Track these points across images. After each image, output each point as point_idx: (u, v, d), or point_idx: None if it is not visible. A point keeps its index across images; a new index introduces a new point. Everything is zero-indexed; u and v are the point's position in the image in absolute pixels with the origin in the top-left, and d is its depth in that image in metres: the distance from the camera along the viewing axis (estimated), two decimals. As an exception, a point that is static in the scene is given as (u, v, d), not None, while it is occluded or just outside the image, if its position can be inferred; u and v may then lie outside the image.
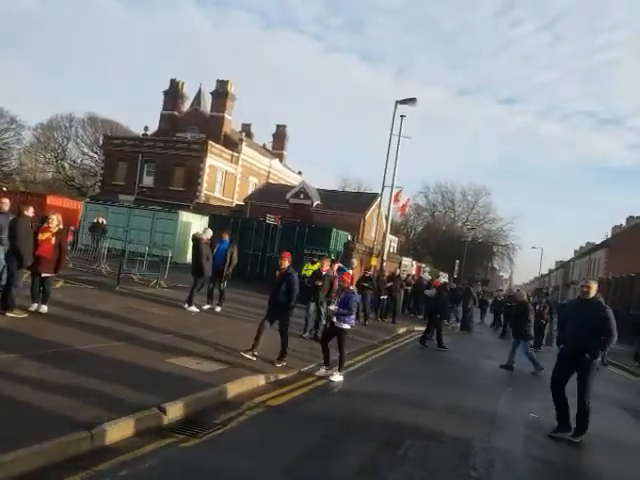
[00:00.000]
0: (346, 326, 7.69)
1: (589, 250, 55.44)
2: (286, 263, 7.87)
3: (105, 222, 20.18)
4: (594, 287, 6.36)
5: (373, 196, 33.00)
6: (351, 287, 8.22)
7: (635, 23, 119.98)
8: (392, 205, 22.48)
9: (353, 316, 7.80)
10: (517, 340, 11.39)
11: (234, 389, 5.94)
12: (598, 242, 52.06)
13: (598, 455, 5.82)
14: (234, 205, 37.53)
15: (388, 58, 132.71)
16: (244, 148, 40.89)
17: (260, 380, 6.58)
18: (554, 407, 6.38)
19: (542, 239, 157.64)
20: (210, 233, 11.43)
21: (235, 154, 40.01)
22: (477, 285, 33.98)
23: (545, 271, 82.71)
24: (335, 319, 7.66)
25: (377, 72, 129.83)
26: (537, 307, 14.67)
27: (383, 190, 21.67)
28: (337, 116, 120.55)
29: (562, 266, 72.18)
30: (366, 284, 15.13)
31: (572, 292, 52.92)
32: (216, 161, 38.09)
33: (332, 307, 7.80)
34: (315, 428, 5.21)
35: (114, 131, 49.12)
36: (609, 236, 50.54)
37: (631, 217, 47.46)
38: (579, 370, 6.13)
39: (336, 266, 11.43)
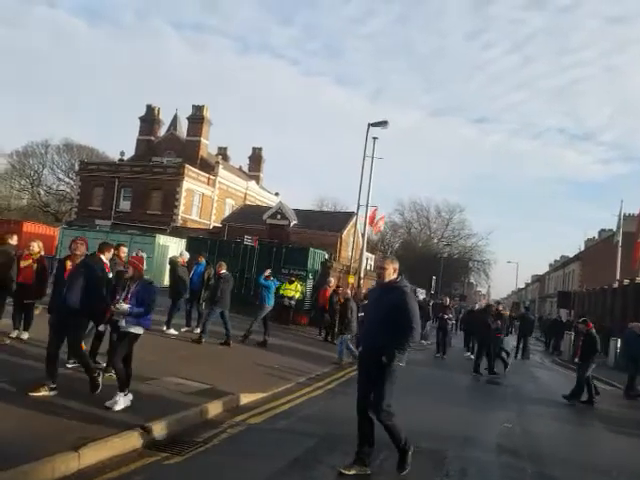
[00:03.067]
0: (138, 330, 5.56)
1: (563, 263, 56.81)
2: (82, 249, 5.80)
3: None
4: (391, 267, 4.83)
5: (349, 215, 33.59)
6: (145, 276, 5.81)
7: (602, 42, 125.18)
8: (367, 224, 23.00)
9: (150, 315, 5.64)
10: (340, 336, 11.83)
11: (214, 409, 6.09)
12: (571, 255, 53.55)
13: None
14: (211, 227, 37.63)
15: (364, 81, 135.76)
16: (220, 171, 41.24)
17: (241, 400, 6.73)
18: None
19: (518, 254, 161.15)
20: (187, 255, 11.62)
21: (212, 177, 40.30)
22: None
23: (522, 285, 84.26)
24: (124, 322, 5.48)
25: (353, 94, 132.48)
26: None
27: (358, 209, 22.27)
28: (315, 138, 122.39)
29: (537, 280, 73.63)
30: (335, 299, 15.42)
31: (548, 305, 54.00)
32: (193, 184, 38.29)
33: (124, 306, 5.41)
34: (296, 443, 5.39)
35: (90, 157, 49.01)
36: (582, 249, 51.98)
37: (603, 230, 48.76)
38: (375, 373, 4.64)
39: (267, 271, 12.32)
